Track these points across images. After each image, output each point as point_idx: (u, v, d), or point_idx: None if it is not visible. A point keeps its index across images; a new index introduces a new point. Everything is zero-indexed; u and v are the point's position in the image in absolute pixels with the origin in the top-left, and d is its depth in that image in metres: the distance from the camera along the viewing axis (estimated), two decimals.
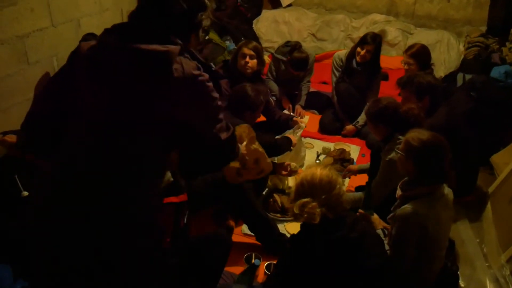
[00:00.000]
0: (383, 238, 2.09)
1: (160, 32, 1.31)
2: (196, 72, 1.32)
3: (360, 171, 2.92)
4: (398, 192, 2.03)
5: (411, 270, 1.87)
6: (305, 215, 1.67)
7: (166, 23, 1.32)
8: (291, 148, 2.97)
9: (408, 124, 2.38)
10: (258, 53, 3.31)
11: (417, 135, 1.96)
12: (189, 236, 2.17)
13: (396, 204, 2.02)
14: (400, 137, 2.44)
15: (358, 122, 3.71)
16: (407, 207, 1.87)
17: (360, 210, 2.25)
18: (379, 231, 2.16)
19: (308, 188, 1.72)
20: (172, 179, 1.99)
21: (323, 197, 1.69)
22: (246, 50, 3.26)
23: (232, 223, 2.66)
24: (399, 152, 2.00)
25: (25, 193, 2.16)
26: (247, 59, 3.25)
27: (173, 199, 2.00)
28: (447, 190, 2.00)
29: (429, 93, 2.77)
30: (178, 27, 1.35)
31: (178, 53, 1.29)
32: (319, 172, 1.74)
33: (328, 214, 1.68)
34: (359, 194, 2.63)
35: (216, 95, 1.43)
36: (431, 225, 1.84)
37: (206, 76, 1.36)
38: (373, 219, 2.23)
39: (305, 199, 1.69)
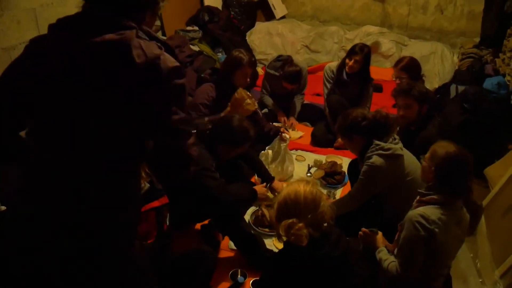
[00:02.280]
0: (389, 255, 2.04)
1: (111, 17, 1.23)
2: (158, 52, 1.24)
3: None
4: (414, 204, 2.01)
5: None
6: (292, 237, 1.60)
7: (116, 6, 1.24)
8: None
9: (380, 126, 2.41)
10: (255, 68, 3.28)
11: (445, 145, 1.96)
12: (171, 241, 2.12)
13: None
14: (378, 142, 2.41)
15: None
16: (417, 210, 1.87)
17: (363, 229, 2.18)
18: (383, 249, 2.11)
19: (292, 208, 1.65)
20: (148, 185, 1.96)
21: (309, 216, 1.63)
22: (249, 71, 3.19)
23: (219, 238, 2.60)
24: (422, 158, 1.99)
25: (3, 208, 2.11)
26: (247, 78, 3.22)
27: (154, 203, 1.98)
28: (465, 211, 1.97)
29: (427, 102, 2.77)
30: (130, 7, 1.27)
31: (135, 36, 1.22)
32: (303, 189, 1.66)
33: (313, 234, 1.62)
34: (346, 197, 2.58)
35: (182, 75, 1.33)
36: (439, 232, 1.82)
37: (167, 55, 1.28)
38: (377, 238, 2.18)
39: (291, 220, 1.61)
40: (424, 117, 2.79)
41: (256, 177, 3.02)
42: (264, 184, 2.79)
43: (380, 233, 2.21)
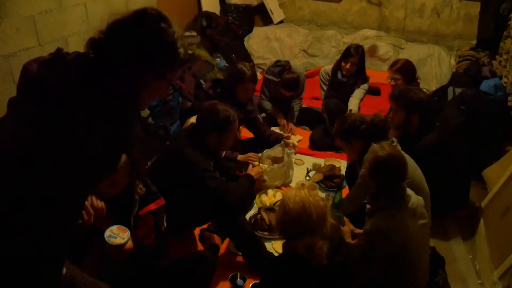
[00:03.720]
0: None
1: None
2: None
3: None
4: (368, 206, 2.08)
5: (391, 282, 1.85)
6: (312, 257, 1.58)
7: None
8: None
9: (378, 129, 2.44)
10: (256, 81, 3.32)
11: (376, 150, 2.01)
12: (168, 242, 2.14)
13: (366, 218, 2.07)
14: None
15: None
16: (369, 224, 1.96)
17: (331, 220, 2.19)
18: None
19: (305, 224, 1.61)
20: (144, 188, 1.98)
21: (323, 230, 1.62)
22: (251, 86, 3.23)
23: (218, 241, 2.61)
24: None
25: None
26: (250, 93, 3.25)
27: (151, 206, 2.00)
28: (415, 199, 2.00)
29: (419, 110, 2.75)
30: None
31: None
32: (312, 203, 1.62)
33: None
34: None
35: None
36: (396, 234, 1.88)
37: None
38: (343, 230, 2.23)
39: (309, 239, 1.59)
40: (424, 122, 2.78)
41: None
42: (253, 164, 2.87)
43: (346, 227, 2.27)
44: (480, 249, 2.61)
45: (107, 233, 1.74)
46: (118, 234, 1.76)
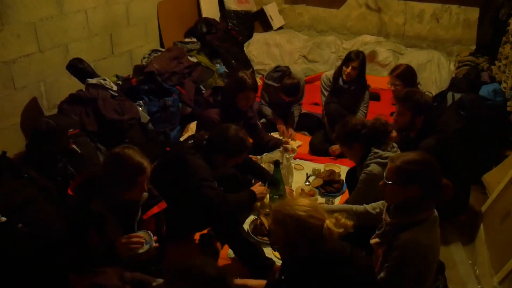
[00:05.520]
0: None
1: None
2: None
3: None
4: (386, 217, 1.93)
5: None
6: (342, 229, 1.65)
7: None
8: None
9: (379, 133, 2.43)
10: (257, 90, 3.30)
11: (405, 158, 1.87)
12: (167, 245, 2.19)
13: (383, 229, 1.90)
14: (376, 150, 2.42)
15: None
16: (409, 237, 1.74)
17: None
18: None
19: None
20: (146, 193, 2.01)
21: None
22: (252, 95, 3.20)
23: (218, 246, 2.61)
24: (389, 182, 1.88)
25: (3, 219, 2.13)
26: (251, 101, 3.23)
27: (154, 210, 2.04)
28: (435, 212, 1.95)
29: (424, 113, 2.75)
30: None
31: None
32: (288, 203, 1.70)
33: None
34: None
35: None
36: (431, 253, 1.78)
37: None
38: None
39: (333, 215, 1.68)
40: (425, 126, 2.78)
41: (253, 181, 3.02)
42: (260, 182, 2.76)
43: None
44: (480, 254, 2.61)
45: None
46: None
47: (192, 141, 2.53)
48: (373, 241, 1.93)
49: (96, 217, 1.83)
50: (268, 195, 2.82)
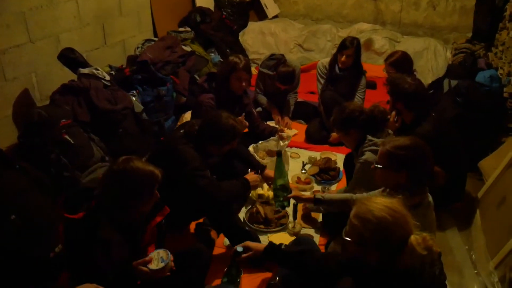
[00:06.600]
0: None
1: None
2: None
3: None
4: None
5: None
6: (426, 252, 1.41)
7: None
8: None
9: (376, 121, 2.42)
10: (250, 72, 3.27)
11: (396, 143, 1.88)
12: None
13: None
14: (370, 138, 2.41)
15: None
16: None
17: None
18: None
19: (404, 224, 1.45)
20: None
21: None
22: (244, 75, 3.15)
23: (214, 235, 2.59)
24: (379, 166, 1.92)
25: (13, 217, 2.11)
26: (243, 83, 3.18)
27: (158, 219, 1.99)
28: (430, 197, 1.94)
29: (402, 99, 2.69)
30: None
31: None
32: (392, 203, 1.48)
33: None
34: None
35: None
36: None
37: None
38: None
39: (422, 236, 1.43)
40: (420, 113, 2.74)
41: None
42: (254, 171, 2.75)
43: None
44: (476, 240, 2.60)
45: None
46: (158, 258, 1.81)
47: (183, 130, 2.51)
48: None
49: (105, 242, 1.71)
50: (266, 185, 2.82)
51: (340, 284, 1.61)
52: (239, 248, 2.05)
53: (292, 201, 2.57)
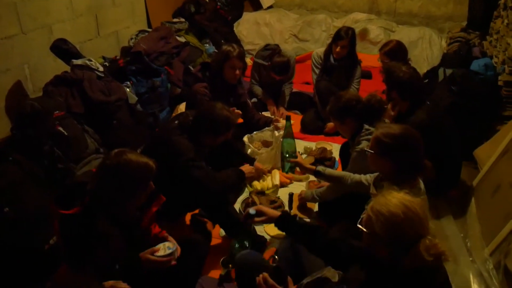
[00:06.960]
0: None
1: None
2: None
3: None
4: (373, 190, 1.94)
5: None
6: (431, 258, 1.35)
7: None
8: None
9: (373, 110, 2.41)
10: (244, 61, 3.25)
11: (387, 130, 1.89)
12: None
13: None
14: (367, 127, 2.40)
15: None
16: None
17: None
18: None
19: (417, 225, 1.39)
20: None
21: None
22: (237, 63, 3.13)
23: (210, 226, 2.59)
24: (369, 150, 1.93)
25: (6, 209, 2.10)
26: (237, 71, 3.16)
27: (154, 209, 1.98)
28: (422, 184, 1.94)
29: (396, 87, 2.68)
30: None
31: None
32: (411, 201, 1.42)
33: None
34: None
35: None
36: None
37: None
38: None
39: (427, 240, 1.36)
40: (415, 102, 2.74)
41: None
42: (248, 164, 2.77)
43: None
44: (471, 227, 2.61)
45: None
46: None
47: (177, 121, 2.50)
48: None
49: (103, 237, 1.70)
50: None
51: (352, 273, 1.61)
52: (252, 211, 1.93)
53: (288, 192, 2.57)
